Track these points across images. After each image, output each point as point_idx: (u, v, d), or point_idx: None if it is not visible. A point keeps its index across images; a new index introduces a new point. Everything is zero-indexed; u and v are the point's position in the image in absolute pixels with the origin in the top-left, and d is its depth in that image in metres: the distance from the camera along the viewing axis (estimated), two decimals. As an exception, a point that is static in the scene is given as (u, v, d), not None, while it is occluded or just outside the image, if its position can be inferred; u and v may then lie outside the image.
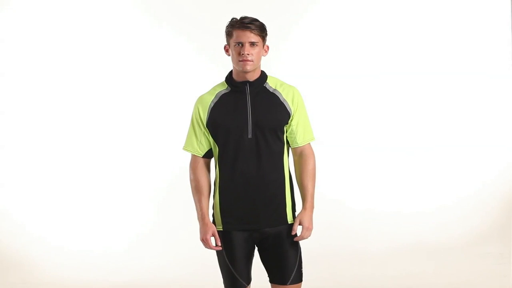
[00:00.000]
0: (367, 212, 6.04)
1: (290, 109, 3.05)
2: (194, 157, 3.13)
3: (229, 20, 3.03)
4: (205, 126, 3.07)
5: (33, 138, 6.06)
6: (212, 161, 3.17)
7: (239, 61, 2.97)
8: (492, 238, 5.84)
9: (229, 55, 3.05)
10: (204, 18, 6.12)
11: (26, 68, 6.09)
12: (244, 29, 2.95)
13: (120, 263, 5.58)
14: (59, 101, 6.09)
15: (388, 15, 6.27)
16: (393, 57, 6.25)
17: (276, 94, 3.06)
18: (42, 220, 5.93)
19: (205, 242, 3.08)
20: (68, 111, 6.09)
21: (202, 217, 3.09)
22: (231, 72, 3.11)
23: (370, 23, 6.26)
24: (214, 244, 3.07)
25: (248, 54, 2.95)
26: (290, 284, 3.07)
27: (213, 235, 3.07)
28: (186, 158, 3.20)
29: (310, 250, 5.58)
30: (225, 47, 3.06)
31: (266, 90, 3.07)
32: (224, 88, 3.10)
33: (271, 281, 3.13)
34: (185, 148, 3.15)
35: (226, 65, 3.30)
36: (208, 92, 3.12)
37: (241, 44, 2.96)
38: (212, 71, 5.69)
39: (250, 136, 3.01)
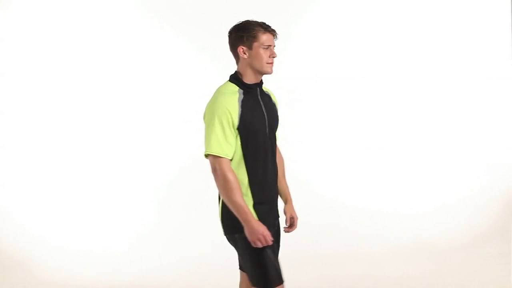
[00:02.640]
0: (366, 212, 6.04)
1: (277, 109, 3.24)
2: (226, 161, 2.98)
3: (249, 22, 3.03)
4: (236, 128, 3.00)
5: (33, 138, 6.06)
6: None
7: (268, 63, 3.02)
8: (492, 238, 5.84)
9: (246, 56, 3.02)
10: (204, 19, 6.12)
11: (26, 68, 6.09)
12: (271, 33, 3.03)
13: (120, 263, 5.58)
14: (60, 101, 6.09)
15: (387, 16, 6.27)
16: (393, 58, 6.26)
17: (269, 95, 3.21)
18: (42, 220, 5.93)
19: (266, 237, 2.97)
20: (68, 112, 6.09)
21: (251, 216, 2.97)
22: (238, 74, 3.07)
23: (369, 24, 6.26)
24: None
25: (274, 57, 3.05)
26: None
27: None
28: (186, 158, 3.19)
29: (310, 249, 5.60)
30: (240, 48, 3.02)
31: (264, 92, 3.17)
32: (236, 90, 3.04)
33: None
34: (214, 153, 2.97)
35: (226, 65, 3.30)
36: (229, 95, 3.01)
37: (269, 48, 3.02)
38: (212, 71, 5.70)
39: (268, 135, 3.10)
